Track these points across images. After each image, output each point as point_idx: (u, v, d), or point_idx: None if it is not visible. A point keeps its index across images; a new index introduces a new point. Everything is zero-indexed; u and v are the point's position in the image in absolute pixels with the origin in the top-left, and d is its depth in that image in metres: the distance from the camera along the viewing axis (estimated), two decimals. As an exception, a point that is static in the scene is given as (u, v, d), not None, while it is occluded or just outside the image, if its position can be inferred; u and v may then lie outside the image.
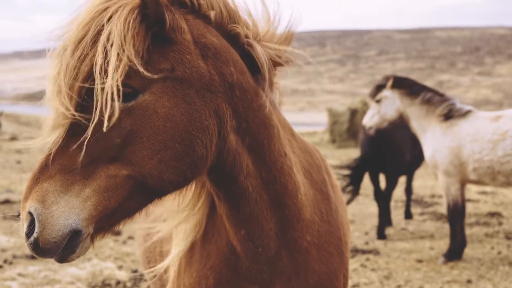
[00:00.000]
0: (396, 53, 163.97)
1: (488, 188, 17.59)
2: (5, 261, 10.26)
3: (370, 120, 11.53)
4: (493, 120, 10.15)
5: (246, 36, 2.90)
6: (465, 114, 10.41)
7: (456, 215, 10.57)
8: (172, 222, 3.27)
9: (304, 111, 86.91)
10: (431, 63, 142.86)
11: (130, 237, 11.84)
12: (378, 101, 11.33)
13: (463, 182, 10.49)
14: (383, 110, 11.27)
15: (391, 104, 11.14)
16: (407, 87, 11.05)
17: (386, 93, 11.18)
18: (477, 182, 10.44)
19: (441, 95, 10.88)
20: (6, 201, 16.46)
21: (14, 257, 10.55)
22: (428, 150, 10.66)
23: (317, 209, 3.17)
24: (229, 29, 2.87)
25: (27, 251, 2.48)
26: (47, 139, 2.57)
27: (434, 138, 10.52)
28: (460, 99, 11.49)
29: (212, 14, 2.81)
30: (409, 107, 10.93)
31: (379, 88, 11.39)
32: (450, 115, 10.43)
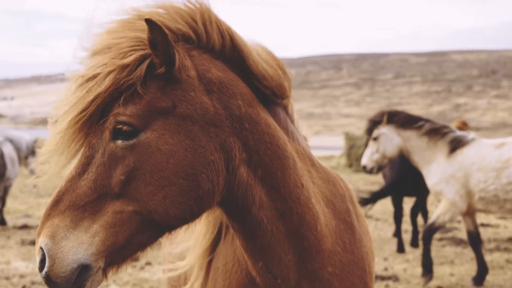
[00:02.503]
0: (412, 76, 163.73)
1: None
2: (23, 287, 10.25)
3: (370, 159, 11.48)
4: (497, 148, 10.12)
5: (258, 71, 2.89)
6: (470, 142, 10.34)
7: (431, 236, 10.53)
8: (192, 256, 3.30)
9: (320, 135, 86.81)
10: (448, 86, 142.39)
11: (148, 263, 11.80)
12: (375, 139, 11.28)
13: (471, 211, 10.41)
14: (382, 147, 11.20)
15: (390, 140, 11.05)
16: (403, 120, 10.94)
17: (383, 129, 11.11)
18: (485, 211, 10.36)
19: (440, 124, 10.84)
20: (24, 226, 16.50)
21: (33, 283, 10.53)
22: (433, 178, 10.53)
23: (340, 239, 3.12)
24: (238, 62, 2.86)
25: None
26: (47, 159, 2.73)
27: (440, 168, 10.42)
28: (477, 122, 11.48)
29: (218, 48, 2.81)
30: (408, 141, 10.82)
31: (375, 124, 11.32)
32: (456, 146, 10.34)
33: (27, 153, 18.08)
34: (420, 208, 14.16)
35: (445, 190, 10.27)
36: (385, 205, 18.06)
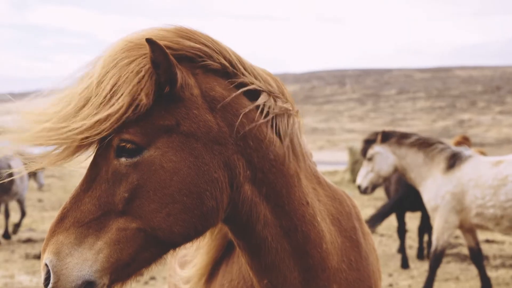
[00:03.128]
0: (416, 92, 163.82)
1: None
2: (27, 301, 10.25)
3: (365, 179, 11.50)
4: (494, 165, 10.15)
5: (259, 88, 2.89)
6: (468, 159, 10.35)
7: (439, 259, 10.52)
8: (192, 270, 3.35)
9: (324, 150, 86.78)
10: (452, 102, 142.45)
11: (153, 278, 11.78)
12: (369, 159, 11.28)
13: (467, 227, 10.40)
14: (377, 167, 11.23)
15: (385, 159, 11.06)
16: (398, 139, 10.96)
17: (377, 149, 11.13)
18: (481, 227, 10.34)
19: (436, 140, 10.87)
20: (28, 240, 16.51)
21: (36, 297, 10.52)
22: (428, 194, 10.53)
23: (345, 257, 3.12)
24: (242, 81, 2.86)
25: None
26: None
27: (436, 184, 10.42)
28: (481, 138, 11.50)
29: (223, 67, 2.81)
30: (404, 158, 10.83)
31: (369, 143, 11.34)
32: (454, 162, 10.35)
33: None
34: (425, 223, 14.16)
35: (441, 205, 10.27)
36: (390, 221, 17.98)
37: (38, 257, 13.89)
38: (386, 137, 11.07)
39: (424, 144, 10.67)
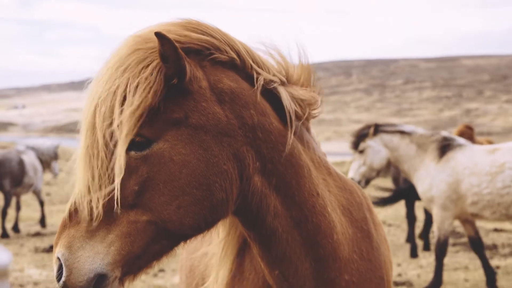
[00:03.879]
0: (422, 82, 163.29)
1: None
2: (37, 294, 10.30)
3: (357, 172, 11.47)
4: (490, 153, 10.17)
5: (269, 79, 2.88)
6: (461, 147, 10.36)
7: (444, 249, 10.52)
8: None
9: (331, 141, 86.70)
10: (458, 91, 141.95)
11: (162, 270, 11.82)
12: (361, 152, 11.26)
13: (463, 216, 10.40)
14: (369, 160, 11.22)
15: (377, 153, 11.05)
16: (391, 132, 10.94)
17: (370, 142, 11.12)
18: (476, 216, 10.32)
19: (428, 132, 10.91)
20: (37, 234, 16.59)
21: (46, 290, 10.57)
22: (423, 185, 10.52)
23: (357, 247, 3.11)
24: (251, 72, 2.86)
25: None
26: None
27: (429, 174, 10.41)
28: (488, 127, 11.47)
29: (230, 59, 2.82)
30: (396, 151, 10.83)
31: (361, 137, 11.32)
32: (445, 150, 10.36)
33: (50, 159, 18.62)
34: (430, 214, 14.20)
35: (436, 195, 10.27)
36: (398, 210, 18.00)
37: (47, 250, 13.97)
38: (378, 130, 11.05)
39: (416, 135, 10.69)
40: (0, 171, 16.48)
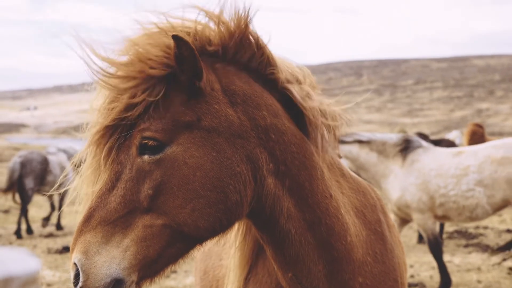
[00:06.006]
0: (433, 82, 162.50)
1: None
2: (51, 295, 10.34)
3: None
4: (455, 155, 10.17)
5: (285, 80, 2.88)
6: (424, 149, 10.33)
7: (438, 247, 10.46)
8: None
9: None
10: (470, 91, 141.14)
11: (174, 271, 11.83)
12: None
13: (434, 218, 10.38)
14: None
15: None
16: (348, 142, 10.66)
17: None
18: (443, 218, 10.34)
19: (385, 136, 10.80)
20: (50, 235, 16.64)
21: (60, 291, 10.60)
22: (395, 192, 10.45)
23: (370, 249, 3.11)
24: (265, 73, 2.86)
25: (72, 286, 2.62)
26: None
27: (398, 179, 10.36)
28: (500, 127, 11.40)
29: (243, 60, 2.82)
30: (357, 160, 10.66)
31: None
32: (406, 152, 10.31)
33: None
34: None
35: (409, 200, 10.24)
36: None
37: (60, 251, 14.01)
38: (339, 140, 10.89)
39: (376, 143, 10.59)
40: (22, 171, 17.18)
